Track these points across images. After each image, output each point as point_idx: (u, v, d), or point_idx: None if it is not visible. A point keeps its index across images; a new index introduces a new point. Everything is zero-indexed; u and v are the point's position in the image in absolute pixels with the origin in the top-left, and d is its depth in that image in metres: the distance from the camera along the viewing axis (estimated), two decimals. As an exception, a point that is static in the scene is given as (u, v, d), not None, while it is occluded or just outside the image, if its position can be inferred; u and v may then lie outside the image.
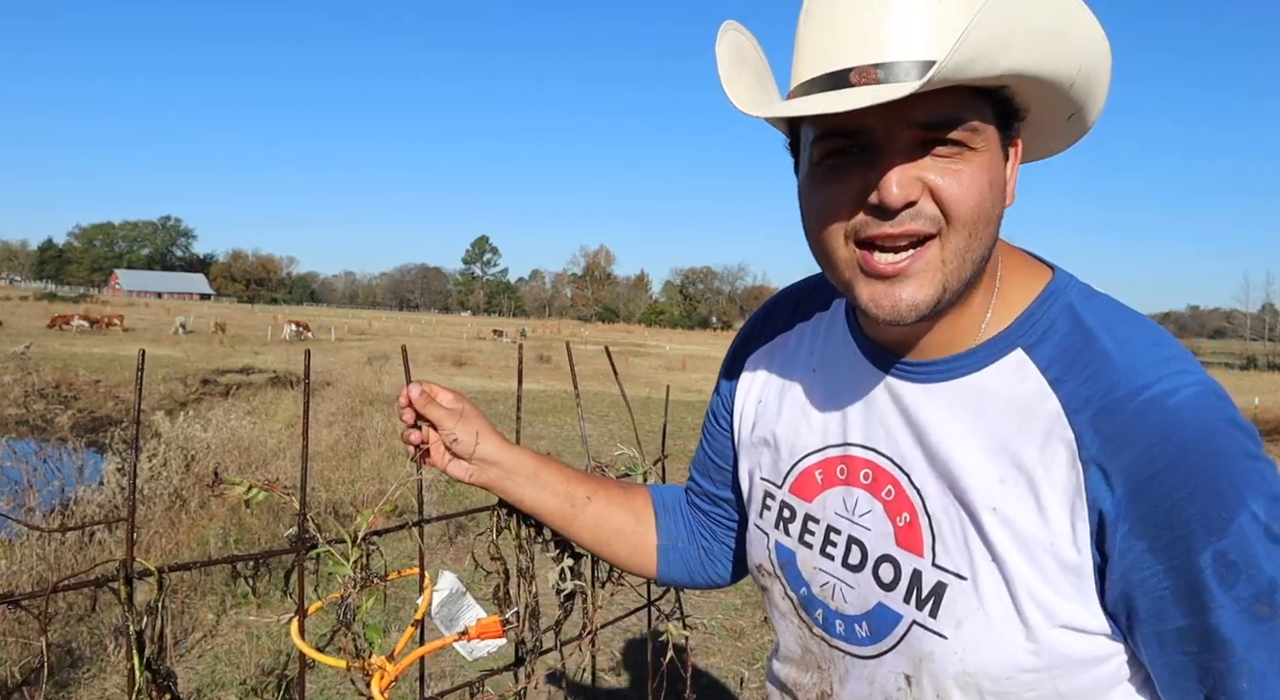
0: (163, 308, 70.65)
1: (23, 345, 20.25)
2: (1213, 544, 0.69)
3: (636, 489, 1.19)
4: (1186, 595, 0.71)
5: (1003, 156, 0.75)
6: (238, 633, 4.40)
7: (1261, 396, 25.43)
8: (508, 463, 1.06)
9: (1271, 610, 0.70)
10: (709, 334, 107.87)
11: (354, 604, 0.98)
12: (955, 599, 0.78)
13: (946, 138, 0.71)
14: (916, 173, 0.72)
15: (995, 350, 0.79)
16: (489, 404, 15.15)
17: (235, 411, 10.30)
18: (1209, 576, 0.70)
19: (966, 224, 0.72)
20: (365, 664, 0.98)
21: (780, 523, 0.95)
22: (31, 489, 6.20)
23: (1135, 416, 0.71)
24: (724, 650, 4.48)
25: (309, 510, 1.02)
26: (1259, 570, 0.69)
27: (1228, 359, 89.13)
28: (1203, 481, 0.69)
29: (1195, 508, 0.69)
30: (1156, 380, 0.72)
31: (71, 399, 14.43)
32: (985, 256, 0.76)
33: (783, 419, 0.96)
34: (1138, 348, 0.74)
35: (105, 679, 3.86)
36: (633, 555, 1.14)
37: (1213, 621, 0.71)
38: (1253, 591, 0.70)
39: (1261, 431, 17.40)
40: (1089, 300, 0.80)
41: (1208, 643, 0.71)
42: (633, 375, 23.04)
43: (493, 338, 49.13)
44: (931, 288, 0.74)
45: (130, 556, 0.90)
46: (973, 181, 0.72)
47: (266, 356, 24.15)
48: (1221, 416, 0.71)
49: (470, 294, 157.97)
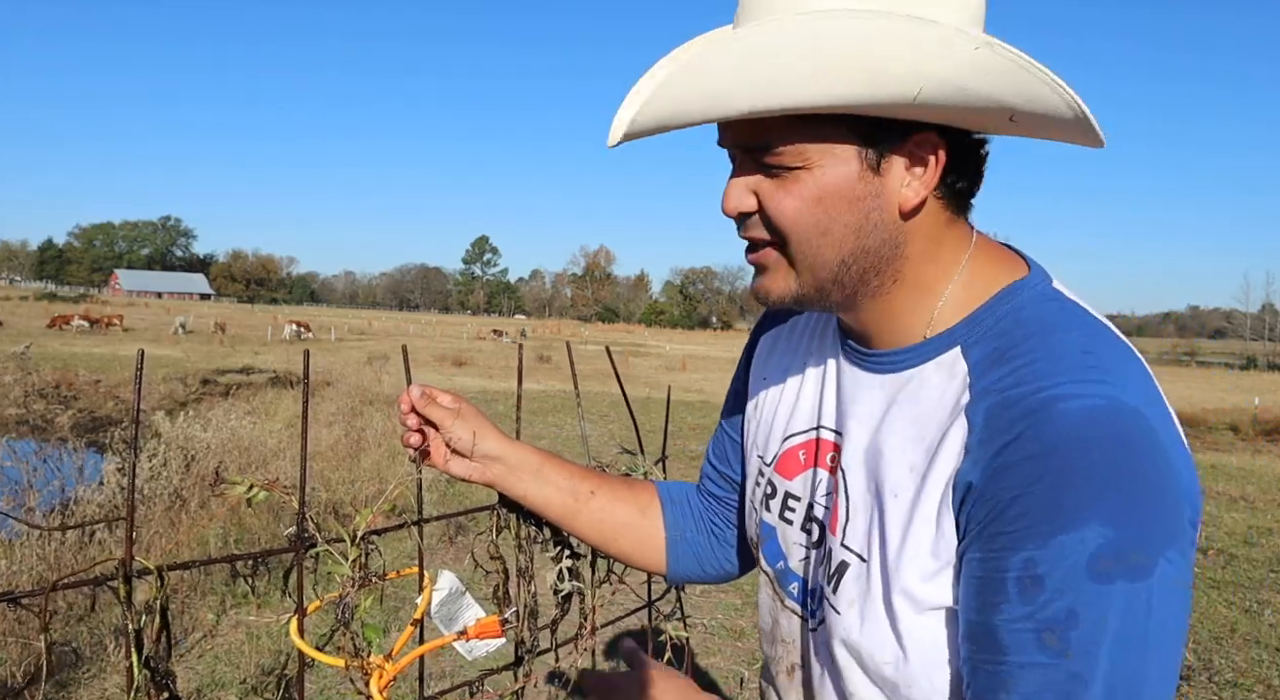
0: (163, 308, 70.66)
1: (23, 345, 20.25)
2: (1028, 550, 0.67)
3: (641, 483, 1.19)
4: (985, 590, 0.70)
5: (863, 166, 0.76)
6: (238, 633, 4.40)
7: (1261, 396, 25.43)
8: (511, 459, 1.06)
9: (1060, 646, 0.66)
10: (709, 334, 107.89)
11: (352, 603, 0.98)
12: (849, 580, 0.82)
13: (764, 161, 0.77)
14: (750, 185, 0.79)
15: (938, 347, 0.81)
16: (489, 404, 15.16)
17: (235, 411, 10.29)
18: (1010, 581, 0.68)
19: (793, 235, 0.78)
20: (364, 663, 0.98)
21: (764, 499, 0.99)
22: (31, 489, 6.20)
23: (1022, 412, 0.70)
24: (724, 650, 4.48)
25: (308, 510, 1.02)
26: (1060, 597, 0.66)
27: (1228, 359, 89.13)
28: (1048, 486, 0.67)
29: (1030, 509, 0.67)
30: (1061, 384, 0.70)
31: (71, 399, 14.43)
32: (855, 261, 0.78)
33: (780, 399, 0.99)
34: (1064, 353, 0.73)
35: (105, 679, 3.87)
36: (640, 549, 1.14)
37: (996, 624, 0.69)
38: (1046, 616, 0.66)
39: (1261, 431, 17.20)
40: (1044, 304, 0.79)
41: (986, 643, 0.70)
42: (633, 375, 23.04)
43: (492, 338, 49.14)
44: (785, 281, 0.81)
45: (129, 555, 0.90)
46: (796, 198, 0.76)
47: (266, 356, 24.14)
48: (1110, 434, 0.67)
49: (470, 294, 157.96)
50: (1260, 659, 4.51)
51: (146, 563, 0.90)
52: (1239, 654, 4.57)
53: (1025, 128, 0.75)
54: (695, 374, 27.39)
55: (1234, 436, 16.98)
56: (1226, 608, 5.33)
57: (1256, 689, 4.14)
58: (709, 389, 21.58)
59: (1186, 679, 4.24)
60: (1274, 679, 4.26)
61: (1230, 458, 12.55)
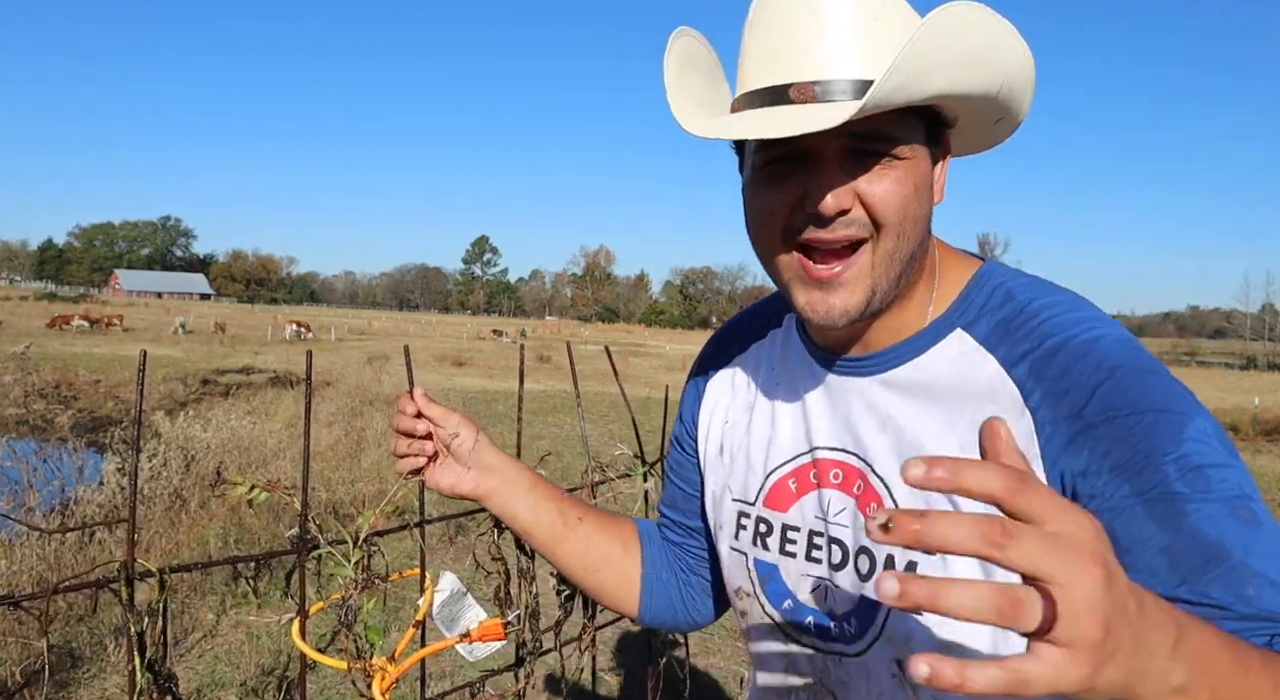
0: (163, 308, 70.68)
1: (23, 345, 20.25)
2: (1171, 453, 0.70)
3: (622, 518, 1.16)
4: (1161, 508, 0.69)
5: (930, 161, 0.81)
6: (238, 633, 4.40)
7: (1261, 396, 25.41)
8: (508, 472, 1.04)
9: (1253, 516, 0.68)
10: (709, 334, 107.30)
11: (355, 605, 0.98)
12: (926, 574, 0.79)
13: (875, 150, 0.77)
14: (849, 181, 0.77)
15: (936, 333, 0.83)
16: (489, 404, 15.15)
17: (235, 411, 10.29)
18: (1177, 483, 0.69)
19: (895, 227, 0.79)
20: (366, 665, 0.98)
21: (757, 539, 0.95)
22: (31, 489, 6.20)
23: (1072, 358, 0.76)
24: (724, 650, 4.47)
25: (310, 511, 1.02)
26: (1226, 476, 0.70)
27: (1228, 359, 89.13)
28: (1147, 401, 0.72)
29: (1146, 425, 0.71)
30: (1091, 327, 0.78)
31: (71, 399, 14.44)
32: (914, 254, 0.82)
33: (752, 436, 0.97)
34: (1062, 309, 0.80)
35: (105, 679, 3.87)
36: (619, 587, 1.11)
37: (1194, 525, 0.67)
38: (1228, 493, 0.69)
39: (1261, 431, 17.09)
40: (1017, 278, 0.85)
41: (1199, 552, 0.67)
42: (632, 375, 23.04)
43: (492, 338, 49.14)
44: (861, 294, 0.80)
45: (131, 557, 0.90)
46: (899, 187, 0.78)
47: (266, 356, 24.15)
48: (1145, 355, 0.77)
49: (470, 294, 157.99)
50: (1260, 659, 4.51)
51: (148, 565, 0.90)
52: (1239, 654, 4.57)
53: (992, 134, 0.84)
54: (695, 374, 27.28)
55: (1234, 436, 16.94)
56: (1227, 608, 5.32)
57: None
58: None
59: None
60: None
61: (1230, 458, 12.50)
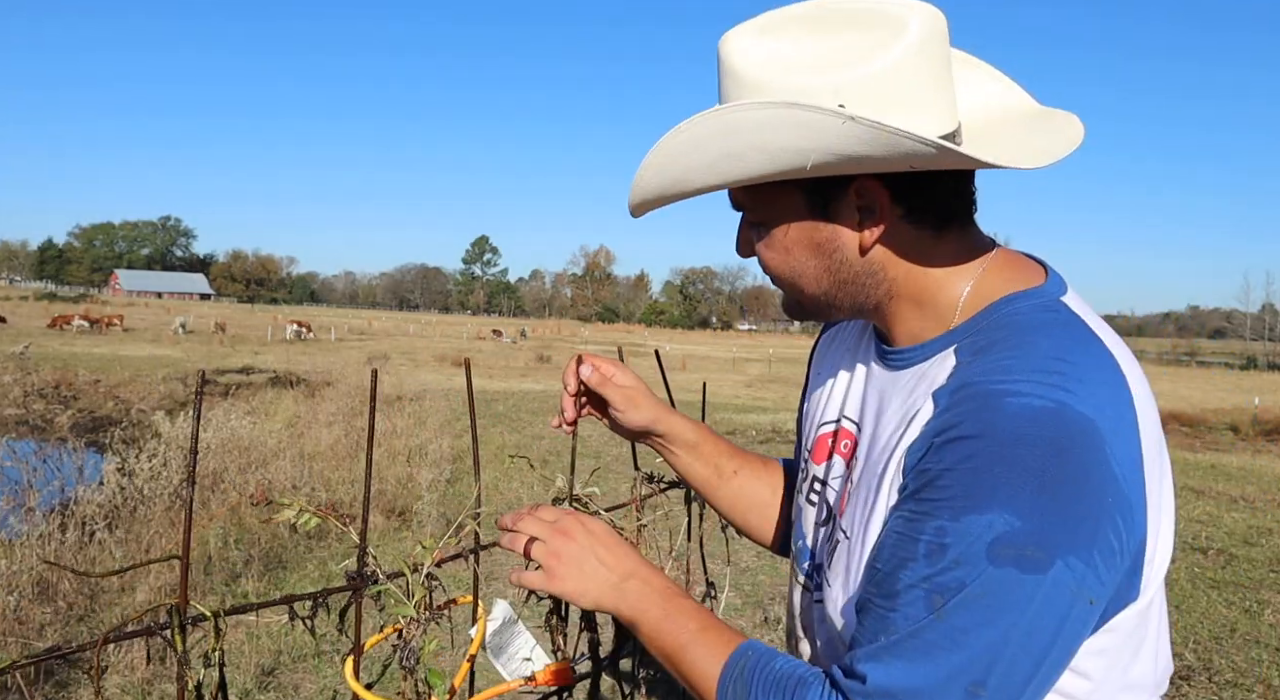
0: (163, 308, 70.65)
1: (23, 345, 20.25)
2: (942, 520, 0.74)
3: (774, 463, 1.29)
4: (900, 546, 0.77)
5: (816, 220, 0.87)
6: (238, 633, 4.39)
7: (1261, 396, 25.40)
8: (673, 432, 1.18)
9: (940, 610, 0.72)
10: (709, 334, 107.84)
11: (417, 647, 0.93)
12: (840, 555, 0.90)
13: (747, 219, 0.93)
14: (747, 238, 0.94)
15: (940, 345, 0.88)
16: (489, 403, 15.15)
17: (235, 411, 10.29)
18: (921, 543, 0.75)
19: (781, 278, 0.92)
20: None
21: (802, 482, 1.07)
22: (31, 489, 6.20)
23: (973, 396, 0.77)
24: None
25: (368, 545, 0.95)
26: (956, 568, 0.72)
27: (1228, 359, 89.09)
28: (974, 467, 0.73)
29: (953, 483, 0.74)
30: (1018, 382, 0.75)
31: (71, 399, 14.43)
32: (839, 291, 0.90)
33: (823, 393, 1.08)
34: (1033, 355, 0.78)
35: (105, 679, 3.87)
36: (763, 525, 1.25)
37: (899, 577, 0.76)
38: (940, 581, 0.73)
39: (1261, 431, 17.10)
40: (1039, 312, 0.84)
41: (886, 591, 0.77)
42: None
43: (492, 338, 49.14)
44: (792, 306, 0.95)
45: (184, 600, 0.83)
46: (767, 250, 0.91)
47: (266, 356, 24.14)
48: (1047, 435, 0.72)
49: (470, 294, 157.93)
50: (1260, 659, 4.51)
51: (203, 608, 0.83)
52: (1239, 654, 4.57)
53: (926, 166, 0.81)
54: (695, 374, 27.36)
55: (1234, 436, 16.95)
56: (1226, 608, 5.33)
57: (1256, 689, 4.14)
58: (709, 388, 21.50)
59: (1186, 679, 4.24)
60: (1274, 679, 4.26)
61: (1230, 458, 12.53)
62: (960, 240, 0.89)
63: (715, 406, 16.60)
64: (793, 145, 0.79)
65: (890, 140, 0.76)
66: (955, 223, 0.88)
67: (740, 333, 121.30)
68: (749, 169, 0.83)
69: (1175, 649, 4.55)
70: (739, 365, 35.72)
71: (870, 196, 0.85)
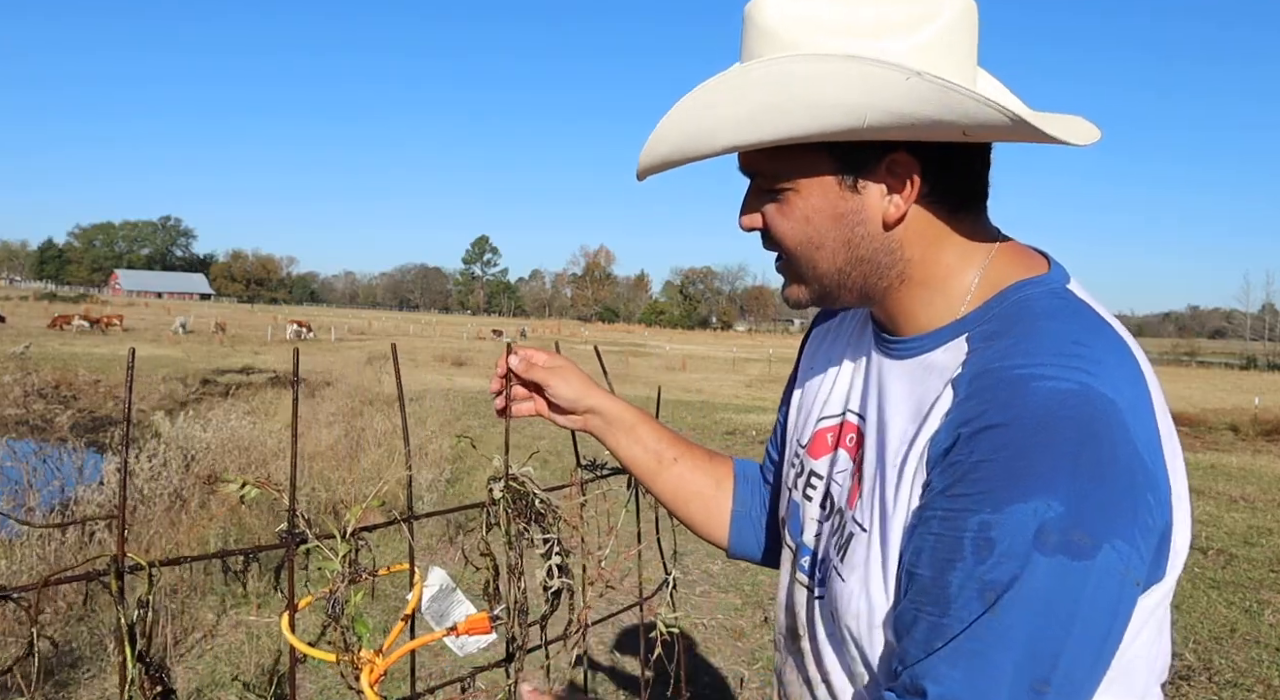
0: (163, 308, 70.66)
1: (23, 345, 20.25)
2: (985, 514, 0.71)
3: (722, 457, 1.26)
4: (941, 548, 0.74)
5: (843, 190, 0.83)
6: (237, 633, 4.40)
7: (1261, 396, 25.41)
8: (610, 413, 1.16)
9: (995, 604, 0.70)
10: (709, 334, 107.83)
11: (342, 598, 0.99)
12: (856, 548, 0.87)
13: (759, 185, 0.87)
14: (757, 206, 0.89)
15: (950, 333, 0.85)
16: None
17: (235, 411, 10.29)
18: (967, 541, 0.72)
19: (791, 251, 0.87)
20: (355, 657, 0.99)
21: (797, 478, 1.05)
22: (31, 489, 6.20)
23: (996, 382, 0.75)
24: (724, 650, 4.47)
25: (299, 506, 1.03)
26: (1008, 562, 0.70)
27: (1228, 359, 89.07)
28: (1010, 455, 0.71)
29: (991, 475, 0.71)
30: (1041, 366, 0.74)
31: (71, 399, 14.43)
32: (854, 269, 0.86)
33: (820, 387, 1.06)
34: (1053, 339, 0.76)
35: (105, 679, 3.87)
36: (707, 520, 1.22)
37: (948, 581, 0.73)
38: (993, 578, 0.70)
39: (1261, 431, 17.08)
40: (1049, 299, 0.82)
41: (936, 596, 0.74)
42: (633, 375, 23.04)
43: (492, 338, 49.14)
44: (799, 287, 0.91)
45: (121, 552, 0.91)
46: (782, 218, 0.86)
47: (266, 356, 24.15)
48: (1075, 416, 0.70)
49: (470, 294, 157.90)
50: (1260, 659, 4.51)
51: (138, 558, 0.91)
52: (1239, 654, 4.57)
53: (983, 136, 0.78)
54: (695, 374, 27.38)
55: (1234, 436, 16.96)
56: (1226, 608, 5.32)
57: (1256, 689, 4.13)
58: (708, 389, 21.59)
59: (1186, 679, 4.24)
60: (1274, 679, 4.26)
61: (1230, 458, 12.51)
62: (974, 225, 0.87)
63: (715, 407, 16.60)
64: (848, 101, 0.74)
65: (959, 102, 0.72)
66: (973, 206, 0.87)
67: (740, 333, 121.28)
68: (792, 125, 0.77)
69: (1175, 649, 4.55)
70: (739, 365, 35.71)
71: (902, 169, 0.81)
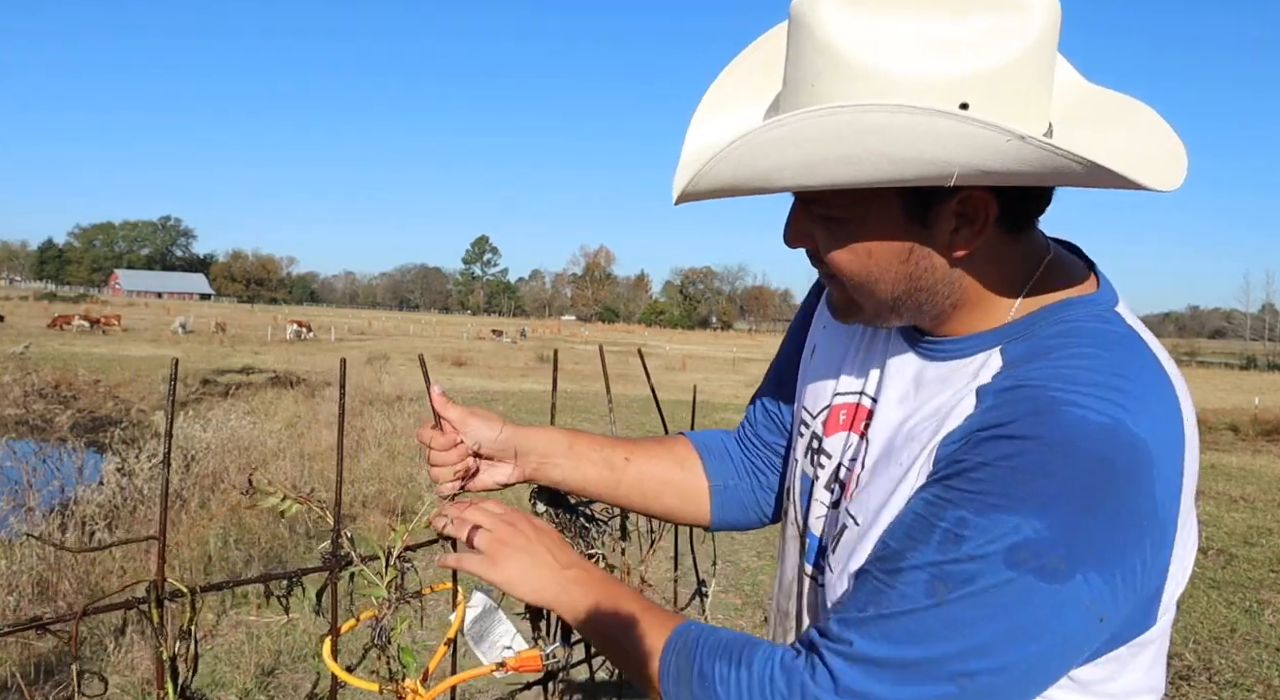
0: (163, 308, 70.63)
1: (23, 345, 20.24)
2: (966, 511, 0.71)
3: (674, 438, 1.20)
4: (915, 527, 0.75)
5: (911, 224, 0.78)
6: (238, 633, 4.40)
7: (1262, 396, 25.42)
8: (541, 447, 1.08)
9: (943, 598, 0.71)
10: (709, 334, 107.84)
11: (389, 626, 0.95)
12: (844, 543, 0.87)
13: (812, 211, 0.82)
14: (807, 227, 0.83)
15: (983, 342, 0.83)
16: (489, 403, 15.14)
17: (235, 411, 10.28)
18: (938, 529, 0.72)
19: (852, 280, 0.82)
20: (399, 688, 0.95)
21: (807, 451, 1.01)
22: (31, 489, 6.19)
23: (1027, 400, 0.73)
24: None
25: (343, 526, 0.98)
26: (970, 562, 0.70)
27: (1228, 359, 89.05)
28: (1015, 467, 0.70)
29: (989, 479, 0.71)
30: (1078, 394, 0.71)
31: (71, 399, 14.42)
32: (911, 297, 0.82)
33: (833, 358, 1.02)
34: (1094, 368, 0.74)
35: (106, 678, 3.86)
36: (684, 504, 1.16)
37: (906, 557, 0.74)
38: (949, 570, 0.71)
39: (1261, 431, 17.10)
40: (1094, 322, 0.80)
41: (889, 567, 0.75)
42: (633, 375, 23.00)
43: (492, 338, 49.14)
44: (852, 308, 0.86)
45: (161, 577, 0.86)
46: (846, 249, 0.80)
47: (266, 357, 24.14)
48: (1099, 451, 0.69)
49: (470, 294, 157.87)
50: (1260, 659, 4.51)
51: (179, 584, 0.86)
52: (1239, 654, 4.57)
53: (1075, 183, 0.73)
54: (695, 374, 27.35)
55: (1234, 436, 16.96)
56: (1226, 608, 5.32)
57: (1256, 689, 4.13)
58: (708, 388, 21.57)
59: (1186, 679, 4.24)
60: (1274, 679, 4.25)
61: (1230, 458, 12.52)
62: (1029, 242, 0.84)
63: (715, 407, 16.59)
64: (938, 159, 0.68)
65: (1058, 162, 0.67)
66: (1031, 225, 0.83)
67: (740, 332, 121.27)
68: (868, 175, 0.71)
69: (1175, 649, 4.55)
70: (739, 365, 35.69)
71: (977, 206, 0.76)
